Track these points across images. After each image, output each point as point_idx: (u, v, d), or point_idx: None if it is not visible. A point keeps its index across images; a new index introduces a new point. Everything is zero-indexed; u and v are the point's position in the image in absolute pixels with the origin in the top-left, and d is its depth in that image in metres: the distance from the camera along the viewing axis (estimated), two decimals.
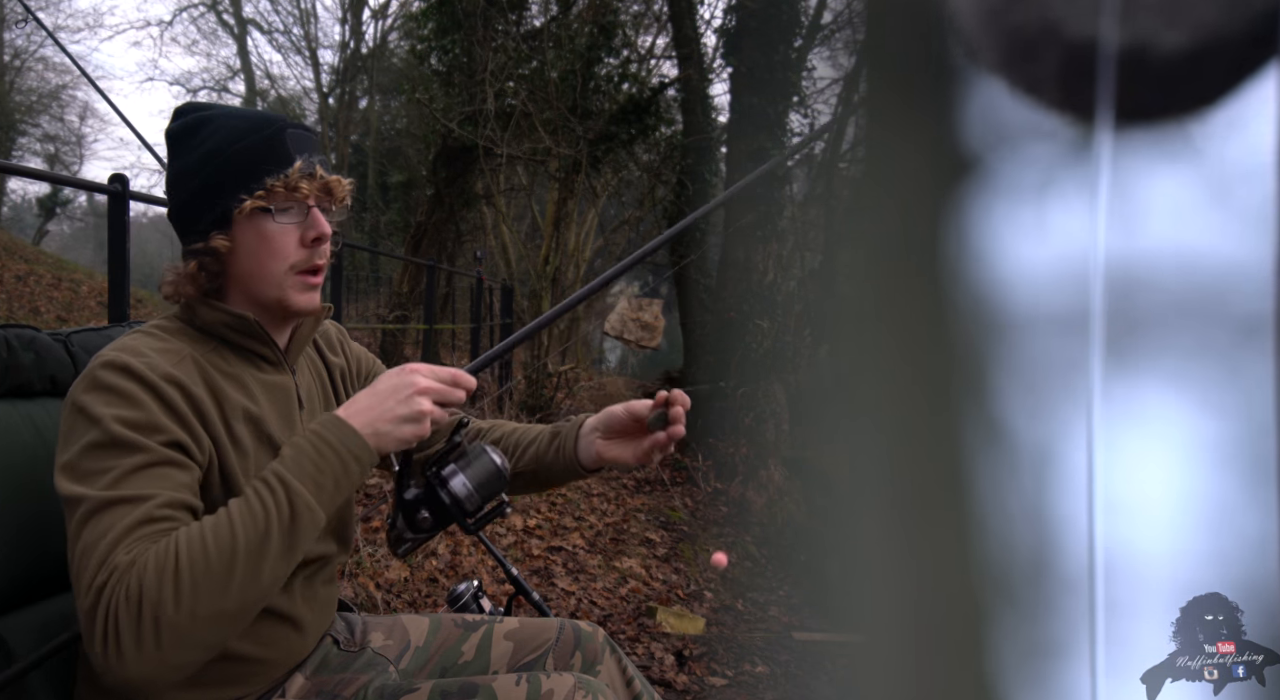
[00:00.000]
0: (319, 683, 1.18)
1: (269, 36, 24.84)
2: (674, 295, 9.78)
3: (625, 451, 1.27)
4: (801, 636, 3.78)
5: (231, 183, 1.09)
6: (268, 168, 1.09)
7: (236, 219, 1.09)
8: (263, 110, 1.17)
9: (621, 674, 1.36)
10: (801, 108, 7.91)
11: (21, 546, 1.17)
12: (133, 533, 0.92)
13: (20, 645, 1.13)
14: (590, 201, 9.95)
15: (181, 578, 0.89)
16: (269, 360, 1.18)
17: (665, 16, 9.02)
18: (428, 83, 9.63)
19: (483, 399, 7.76)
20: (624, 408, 1.26)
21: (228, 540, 0.92)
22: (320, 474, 0.98)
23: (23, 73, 19.35)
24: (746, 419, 7.00)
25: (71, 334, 1.36)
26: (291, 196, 1.11)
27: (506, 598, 1.80)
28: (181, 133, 1.14)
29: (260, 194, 1.08)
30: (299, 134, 1.13)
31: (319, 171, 1.12)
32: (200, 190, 1.10)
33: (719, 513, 6.13)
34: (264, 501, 0.95)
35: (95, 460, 0.96)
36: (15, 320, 2.42)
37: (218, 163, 1.09)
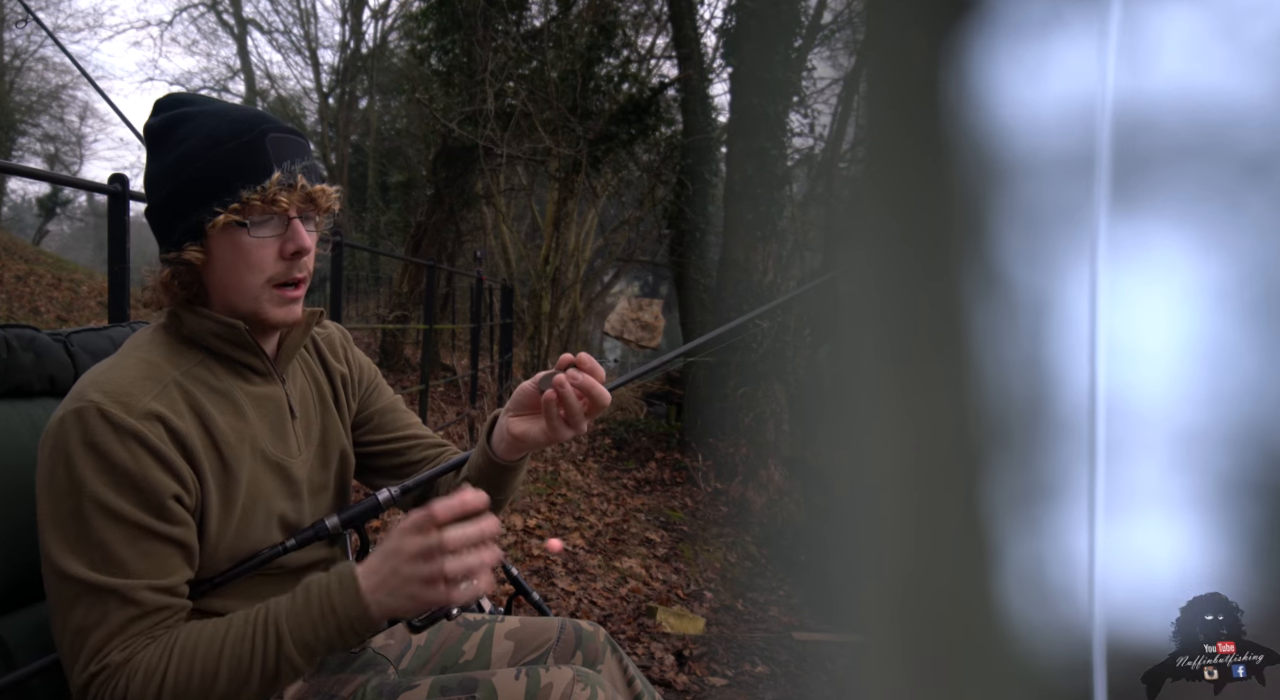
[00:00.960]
0: (317, 684, 1.18)
1: (269, 36, 24.84)
2: (674, 295, 9.78)
3: (534, 425, 1.16)
4: (801, 636, 3.78)
5: (204, 193, 1.02)
6: (243, 179, 1.02)
7: (210, 232, 1.04)
8: (247, 110, 1.09)
9: (622, 674, 1.36)
10: (801, 108, 7.91)
11: (21, 546, 1.17)
12: (127, 629, 0.96)
13: (20, 645, 1.13)
14: (590, 201, 9.96)
15: (164, 695, 0.94)
16: (257, 371, 1.14)
17: (665, 16, 9.02)
18: (428, 83, 9.63)
19: (483, 399, 7.75)
20: (532, 381, 1.16)
21: (211, 671, 0.95)
22: (315, 639, 0.97)
23: (23, 73, 19.35)
24: (746, 419, 7.00)
25: (71, 334, 1.36)
26: (269, 209, 1.04)
27: (507, 598, 1.80)
28: (158, 130, 1.07)
29: (235, 207, 1.02)
30: (282, 138, 1.06)
31: (300, 181, 1.05)
32: (173, 197, 1.05)
33: (719, 513, 6.13)
34: (254, 646, 0.97)
35: (86, 531, 0.96)
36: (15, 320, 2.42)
37: (191, 170, 1.03)
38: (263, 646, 0.96)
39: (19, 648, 1.13)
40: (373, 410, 1.35)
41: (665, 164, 8.98)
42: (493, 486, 1.22)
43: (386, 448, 1.35)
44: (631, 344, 9.21)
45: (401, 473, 1.35)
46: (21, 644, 1.13)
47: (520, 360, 9.50)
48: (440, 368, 10.46)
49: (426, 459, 1.35)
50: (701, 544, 5.33)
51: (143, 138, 1.11)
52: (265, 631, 0.97)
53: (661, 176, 9.08)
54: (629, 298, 9.10)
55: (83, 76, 1.84)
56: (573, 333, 10.09)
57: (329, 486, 1.24)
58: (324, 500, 1.23)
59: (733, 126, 7.73)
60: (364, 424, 1.34)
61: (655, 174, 9.24)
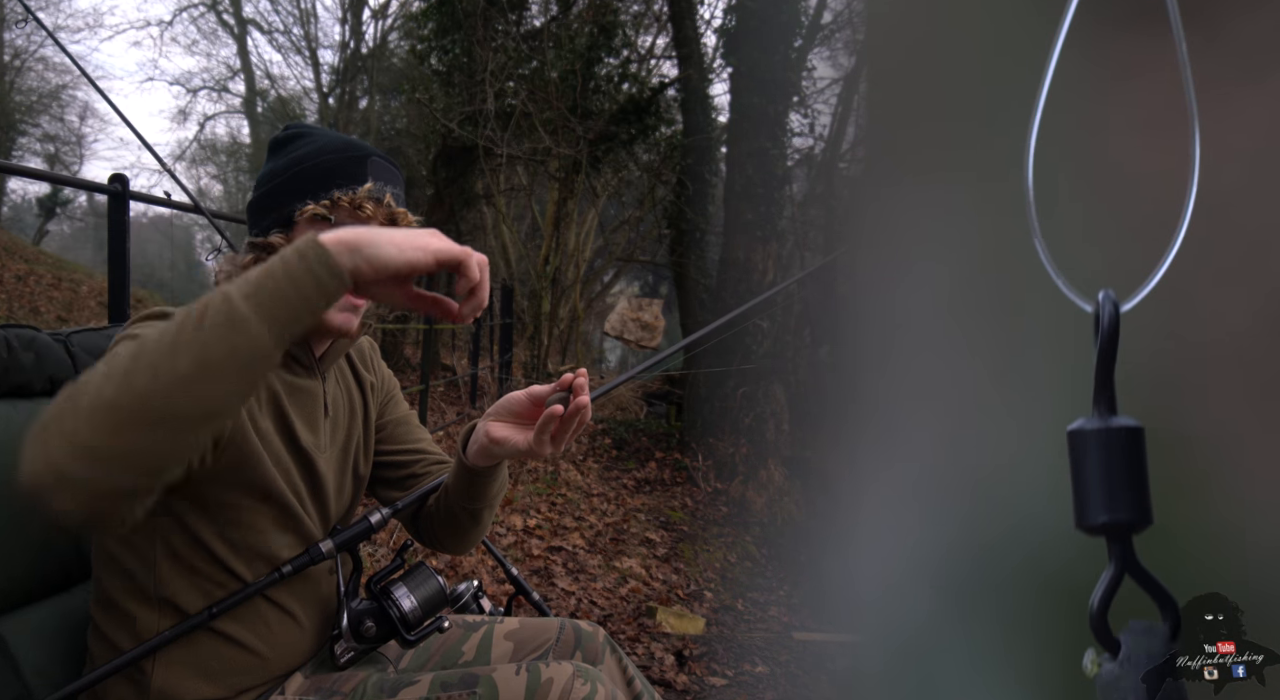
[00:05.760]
0: (317, 681, 1.19)
1: (269, 36, 24.85)
2: (674, 295, 9.78)
3: (517, 434, 1.14)
4: (801, 636, 3.79)
5: (304, 188, 1.13)
6: (339, 181, 1.12)
7: (298, 222, 1.12)
8: (361, 141, 1.21)
9: (622, 674, 1.36)
10: (801, 108, 7.92)
11: (21, 546, 1.17)
12: None
13: (20, 645, 1.13)
14: (590, 201, 9.96)
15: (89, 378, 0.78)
16: (301, 364, 1.19)
17: (665, 16, 9.03)
18: (428, 83, 9.64)
19: (483, 399, 7.76)
20: (525, 392, 1.15)
21: (138, 344, 0.79)
22: (255, 273, 0.82)
23: (23, 73, 19.35)
24: (746, 419, 7.00)
25: (71, 334, 1.36)
26: (355, 214, 1.12)
27: (507, 598, 1.80)
28: (282, 140, 1.20)
29: (326, 203, 1.11)
30: (383, 164, 1.16)
31: (388, 199, 1.14)
32: (276, 190, 1.14)
33: (719, 513, 6.13)
34: (181, 317, 0.80)
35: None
36: (15, 320, 2.42)
37: (299, 168, 1.14)
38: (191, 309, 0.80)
39: (19, 648, 1.13)
40: (387, 419, 1.38)
41: (665, 164, 8.99)
42: (467, 495, 1.23)
43: (394, 459, 1.37)
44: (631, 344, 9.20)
45: (404, 485, 1.36)
46: (22, 644, 1.13)
47: (520, 360, 9.51)
48: (440, 368, 10.47)
49: (429, 475, 1.37)
50: (701, 544, 5.33)
51: (155, 144, 1.17)
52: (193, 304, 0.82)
53: (661, 176, 9.09)
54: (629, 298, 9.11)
55: (83, 76, 1.84)
56: (573, 333, 10.10)
57: (345, 489, 1.27)
58: (330, 504, 1.23)
59: (733, 126, 7.73)
60: (378, 432, 1.37)
61: (655, 174, 9.25)
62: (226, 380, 0.79)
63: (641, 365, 1.42)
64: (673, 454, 7.38)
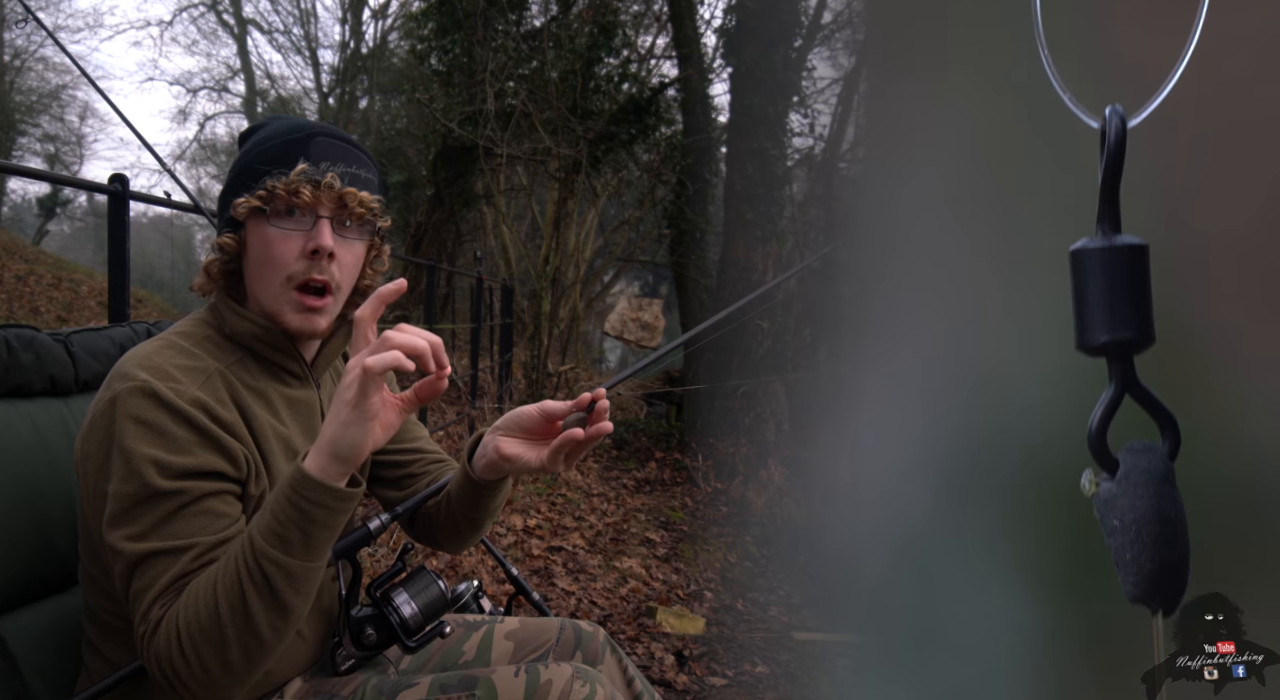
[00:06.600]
0: (316, 685, 1.18)
1: (269, 36, 24.84)
2: (674, 295, 9.78)
3: (529, 452, 1.11)
4: (801, 636, 3.78)
5: (243, 181, 1.08)
6: (270, 169, 1.06)
7: (241, 219, 1.09)
8: (313, 122, 1.14)
9: (622, 674, 1.36)
10: (801, 108, 7.92)
11: (21, 546, 1.17)
12: (169, 589, 0.95)
13: (20, 645, 1.13)
14: (590, 201, 9.95)
15: (184, 643, 0.92)
16: (294, 374, 1.16)
17: (665, 16, 9.02)
18: (428, 83, 9.63)
19: (483, 399, 7.75)
20: (537, 407, 1.11)
21: (211, 603, 0.92)
22: (275, 520, 0.93)
23: (23, 73, 19.33)
24: (746, 419, 7.00)
25: (71, 334, 1.36)
26: (292, 201, 1.06)
27: (507, 598, 1.80)
28: (241, 137, 1.17)
29: (261, 194, 1.06)
30: (327, 141, 1.09)
31: (328, 179, 1.06)
32: (225, 189, 1.12)
33: (719, 513, 6.13)
34: (235, 561, 0.93)
35: (139, 513, 0.96)
36: (15, 320, 2.42)
37: (243, 163, 1.10)
38: (241, 557, 0.93)
39: (19, 648, 1.13)
40: None
41: (665, 164, 8.98)
42: (471, 506, 1.21)
43: (393, 459, 1.36)
44: (631, 344, 9.20)
45: (401, 485, 1.35)
46: (21, 644, 1.13)
47: (520, 360, 9.50)
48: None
49: (427, 474, 1.36)
50: (701, 544, 5.33)
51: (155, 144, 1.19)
52: (240, 546, 0.94)
53: (661, 176, 9.08)
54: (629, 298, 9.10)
55: (83, 76, 1.84)
56: (573, 333, 10.09)
57: None
58: None
59: (733, 126, 7.73)
60: None
61: (655, 174, 9.24)
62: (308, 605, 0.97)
63: (639, 364, 1.41)
64: (673, 454, 7.38)
